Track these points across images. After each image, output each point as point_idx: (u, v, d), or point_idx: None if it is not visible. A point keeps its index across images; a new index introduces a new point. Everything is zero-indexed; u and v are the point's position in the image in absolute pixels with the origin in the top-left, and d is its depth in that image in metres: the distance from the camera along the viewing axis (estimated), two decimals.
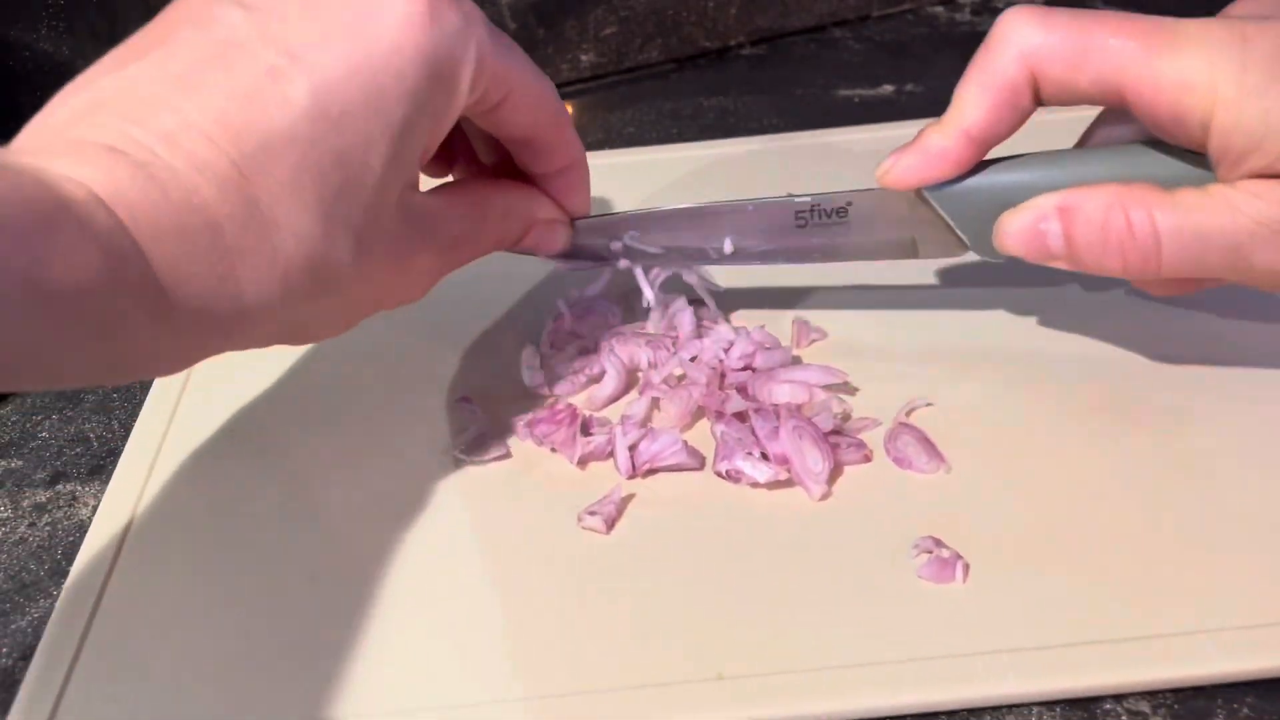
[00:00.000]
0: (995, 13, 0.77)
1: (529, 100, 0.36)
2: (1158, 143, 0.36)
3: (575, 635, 0.33)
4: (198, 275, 0.29)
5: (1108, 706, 0.31)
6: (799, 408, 0.40)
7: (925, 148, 0.38)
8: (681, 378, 0.42)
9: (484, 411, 0.42)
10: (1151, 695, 0.32)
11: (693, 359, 0.42)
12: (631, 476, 0.39)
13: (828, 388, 0.41)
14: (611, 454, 0.39)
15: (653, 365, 0.43)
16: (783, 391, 0.40)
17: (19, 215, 0.25)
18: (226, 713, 0.32)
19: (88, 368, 0.29)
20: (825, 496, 0.37)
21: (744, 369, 0.42)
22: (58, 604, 0.36)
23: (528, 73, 0.36)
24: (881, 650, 0.32)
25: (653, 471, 0.39)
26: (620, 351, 0.43)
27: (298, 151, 0.30)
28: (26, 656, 0.35)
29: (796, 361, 0.43)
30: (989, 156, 0.39)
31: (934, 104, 0.65)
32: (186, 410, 0.43)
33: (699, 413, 0.41)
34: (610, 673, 0.32)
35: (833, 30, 0.78)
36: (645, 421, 0.41)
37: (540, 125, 0.38)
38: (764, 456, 0.38)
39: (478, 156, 0.42)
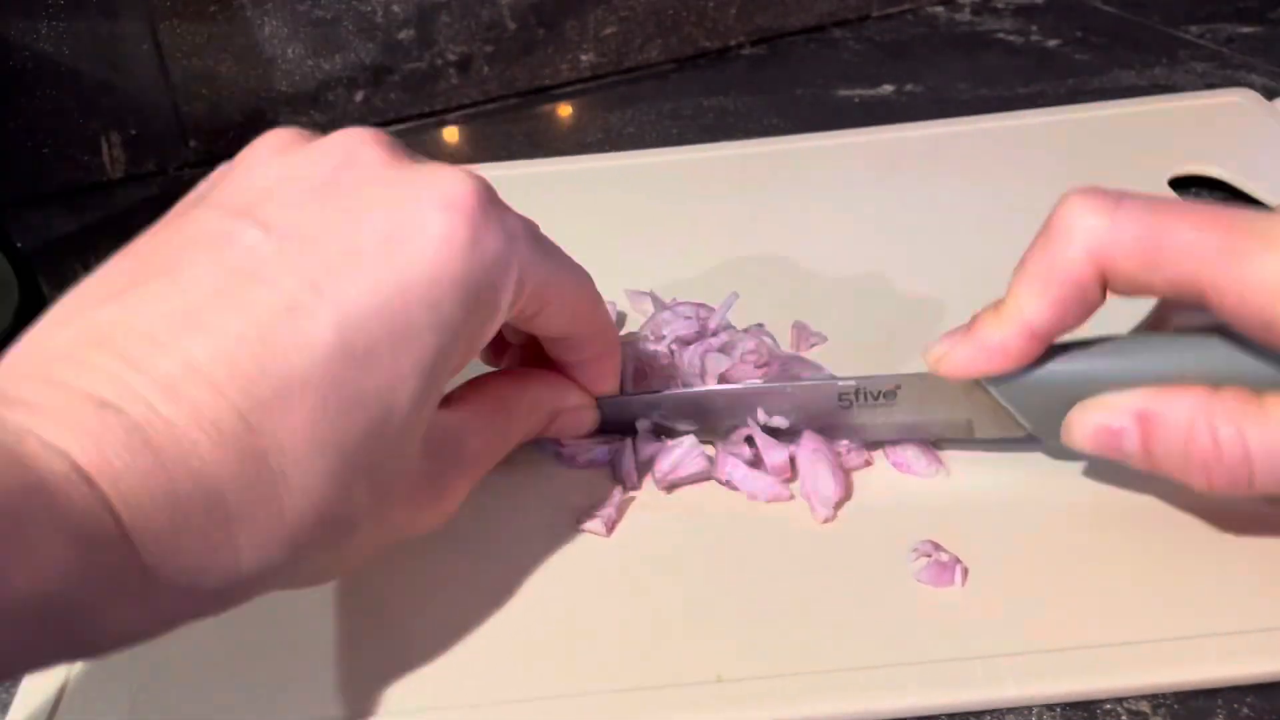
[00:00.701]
0: (995, 13, 0.78)
1: (568, 304, 0.34)
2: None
3: (574, 637, 0.34)
4: (189, 549, 0.25)
5: (1108, 707, 0.31)
6: None
7: (982, 341, 0.34)
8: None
9: None
10: (1152, 696, 0.32)
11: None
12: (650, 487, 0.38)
13: None
14: (611, 461, 0.39)
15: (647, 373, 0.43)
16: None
17: None
18: (224, 712, 0.32)
19: (45, 662, 0.25)
20: (829, 520, 0.37)
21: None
22: None
23: (568, 279, 0.34)
24: (880, 653, 0.32)
25: (675, 486, 0.39)
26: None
27: (316, 397, 0.27)
28: None
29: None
30: None
31: (934, 104, 0.66)
32: None
33: None
34: (609, 675, 0.32)
35: (833, 30, 0.78)
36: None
37: (577, 323, 0.35)
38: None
39: (503, 335, 0.39)
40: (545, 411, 0.37)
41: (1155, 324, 0.37)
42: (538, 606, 0.35)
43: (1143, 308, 0.37)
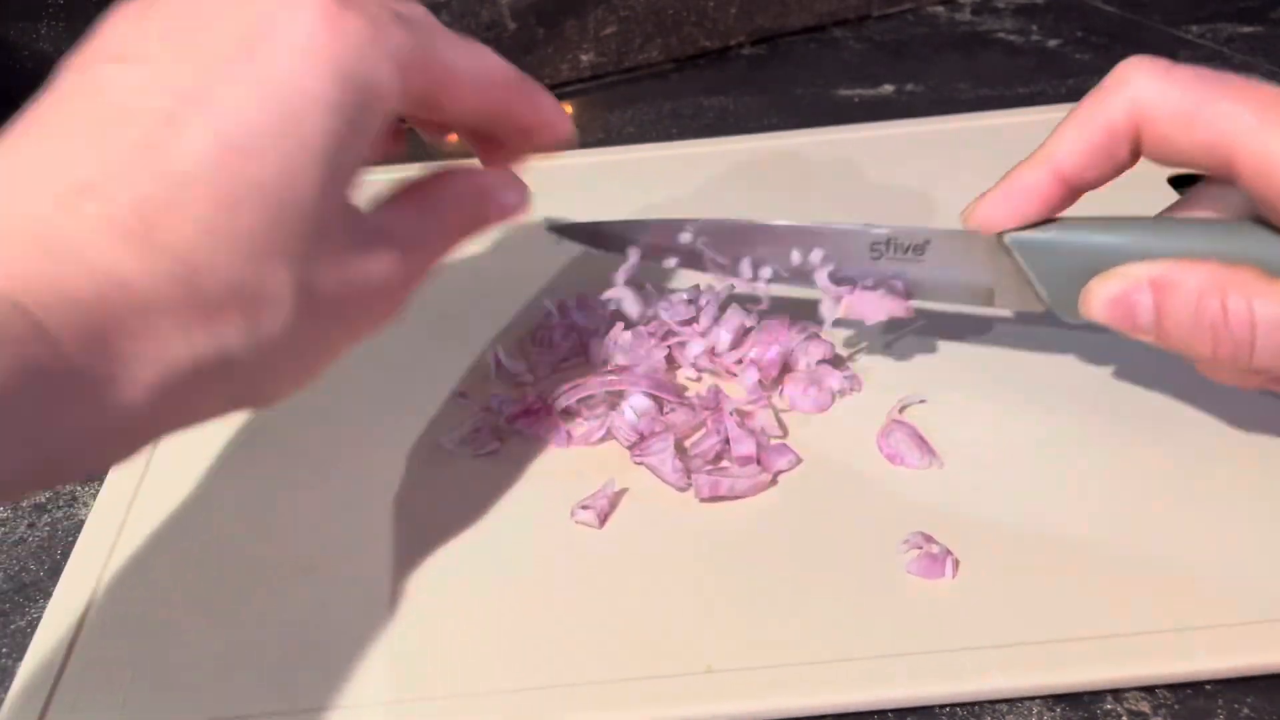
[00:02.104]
0: (996, 13, 0.78)
1: (466, 78, 0.33)
2: (1265, 223, 0.34)
3: (565, 628, 0.34)
4: (114, 343, 0.26)
5: (1108, 706, 0.31)
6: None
7: (1010, 182, 0.37)
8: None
9: (479, 406, 0.42)
10: (1151, 695, 0.32)
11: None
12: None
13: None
14: (600, 440, 0.40)
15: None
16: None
17: None
18: (218, 709, 0.32)
19: (21, 481, 0.26)
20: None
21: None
22: (51, 600, 0.36)
23: (458, 50, 0.33)
24: (870, 645, 0.32)
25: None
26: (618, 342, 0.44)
27: (210, 193, 0.27)
28: None
29: None
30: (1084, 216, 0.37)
31: (934, 104, 0.66)
32: None
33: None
34: (599, 665, 0.32)
35: (833, 30, 0.78)
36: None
37: (487, 95, 0.34)
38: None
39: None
40: (476, 200, 0.36)
41: (1182, 212, 0.38)
42: (529, 597, 0.35)
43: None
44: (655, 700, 0.31)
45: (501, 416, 0.41)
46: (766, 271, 0.42)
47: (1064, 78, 0.68)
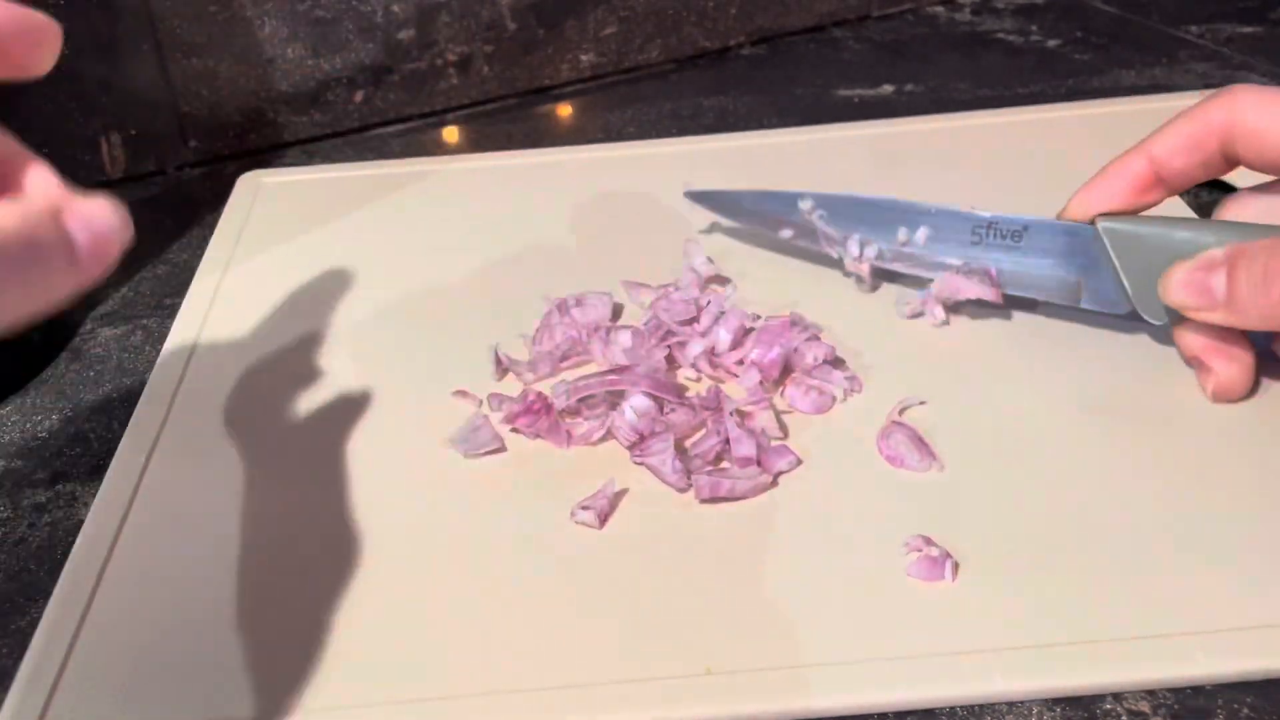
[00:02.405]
0: (995, 13, 0.78)
1: None
2: None
3: (565, 629, 0.34)
4: None
5: (1108, 706, 0.31)
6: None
7: (1105, 168, 0.41)
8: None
9: (479, 405, 0.42)
10: (1151, 695, 0.31)
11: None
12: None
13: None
14: (600, 440, 0.40)
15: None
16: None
17: None
18: (218, 709, 0.32)
19: None
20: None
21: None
22: (51, 600, 0.36)
23: None
24: (870, 647, 0.32)
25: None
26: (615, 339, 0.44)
27: None
28: None
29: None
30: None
31: (934, 104, 0.66)
32: (182, 404, 0.44)
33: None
34: (599, 666, 0.32)
35: (833, 30, 0.78)
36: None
37: None
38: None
39: None
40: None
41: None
42: (529, 599, 0.35)
43: None
44: (655, 700, 0.31)
45: (501, 416, 0.41)
46: (872, 250, 0.45)
47: (1064, 78, 0.68)
